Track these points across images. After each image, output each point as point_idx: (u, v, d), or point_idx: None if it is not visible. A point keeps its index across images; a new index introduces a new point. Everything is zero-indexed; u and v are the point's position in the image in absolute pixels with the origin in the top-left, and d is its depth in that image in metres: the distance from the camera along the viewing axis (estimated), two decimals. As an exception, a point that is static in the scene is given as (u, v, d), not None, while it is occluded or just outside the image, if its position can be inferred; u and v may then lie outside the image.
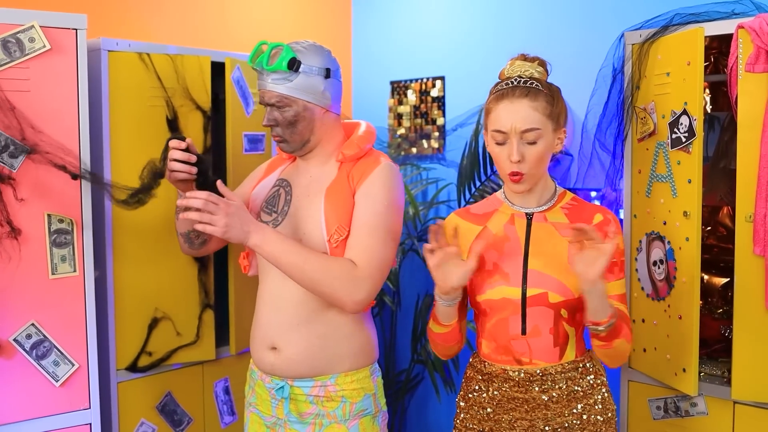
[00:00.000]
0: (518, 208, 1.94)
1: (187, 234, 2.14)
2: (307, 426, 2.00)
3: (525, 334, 1.86)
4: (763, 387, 2.12)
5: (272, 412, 2.04)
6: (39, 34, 2.03)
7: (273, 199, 2.07)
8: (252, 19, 3.41)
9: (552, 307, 1.84)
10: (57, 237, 2.10)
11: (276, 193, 2.08)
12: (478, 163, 3.04)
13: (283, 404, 2.01)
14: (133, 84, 2.40)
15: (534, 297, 1.85)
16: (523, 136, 1.80)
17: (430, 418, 3.64)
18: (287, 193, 2.05)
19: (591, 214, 1.91)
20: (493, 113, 1.85)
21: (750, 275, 2.10)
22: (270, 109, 1.98)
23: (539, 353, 1.87)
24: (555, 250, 1.87)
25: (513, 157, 1.80)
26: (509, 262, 1.88)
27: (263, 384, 2.05)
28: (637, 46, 2.37)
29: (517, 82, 1.86)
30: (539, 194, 1.92)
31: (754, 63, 2.07)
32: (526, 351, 1.88)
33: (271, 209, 2.05)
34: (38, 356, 2.09)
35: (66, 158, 2.06)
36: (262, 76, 1.98)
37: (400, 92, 3.66)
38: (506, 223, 1.93)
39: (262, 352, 2.02)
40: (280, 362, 1.99)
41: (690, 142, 2.16)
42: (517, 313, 1.86)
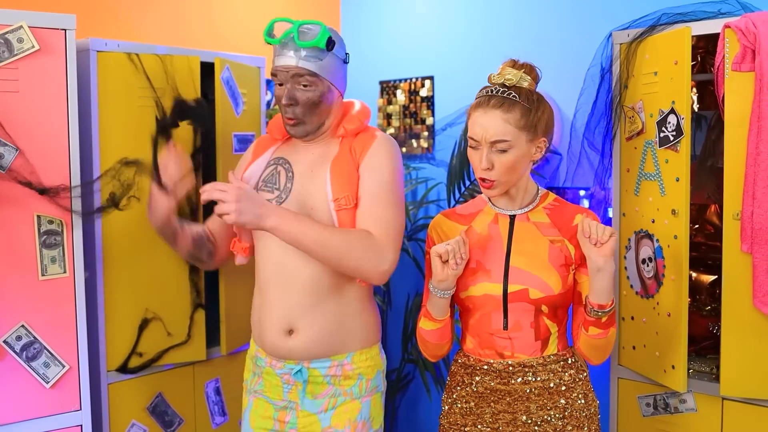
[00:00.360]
0: (501, 210, 2.00)
1: (190, 255, 2.20)
2: (320, 405, 2.04)
3: (507, 329, 1.93)
4: (751, 383, 2.14)
5: (283, 396, 2.06)
6: (28, 35, 2.03)
7: (271, 177, 2.06)
8: (241, 19, 3.41)
9: (532, 303, 1.90)
10: (47, 238, 2.09)
11: (274, 171, 2.06)
12: (467, 163, 3.05)
13: (297, 389, 2.02)
14: (123, 84, 2.39)
15: (515, 293, 1.90)
16: (493, 145, 1.85)
17: (421, 417, 3.65)
18: (287, 170, 2.04)
19: (573, 214, 1.97)
20: (470, 120, 1.90)
21: (738, 272, 2.12)
22: (291, 87, 1.95)
23: (521, 347, 1.93)
24: (536, 249, 1.93)
25: (482, 164, 1.87)
26: (491, 260, 1.94)
27: (273, 371, 2.04)
28: (625, 45, 2.38)
29: (495, 92, 1.89)
30: (520, 198, 1.98)
31: (740, 62, 2.09)
32: (508, 345, 1.94)
33: (272, 187, 2.04)
34: (28, 358, 2.08)
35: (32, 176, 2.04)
36: (283, 52, 1.96)
37: (390, 92, 3.66)
38: (490, 222, 1.99)
39: (276, 336, 2.00)
40: (298, 345, 1.99)
41: (678, 140, 2.18)
42: (498, 309, 1.92)
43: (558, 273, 1.90)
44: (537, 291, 1.89)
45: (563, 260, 1.92)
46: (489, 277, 1.92)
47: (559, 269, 1.91)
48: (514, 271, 1.91)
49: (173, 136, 2.44)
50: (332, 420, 2.04)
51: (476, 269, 1.94)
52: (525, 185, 1.98)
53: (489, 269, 1.93)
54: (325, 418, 2.04)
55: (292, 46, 1.96)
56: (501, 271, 1.92)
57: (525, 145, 1.88)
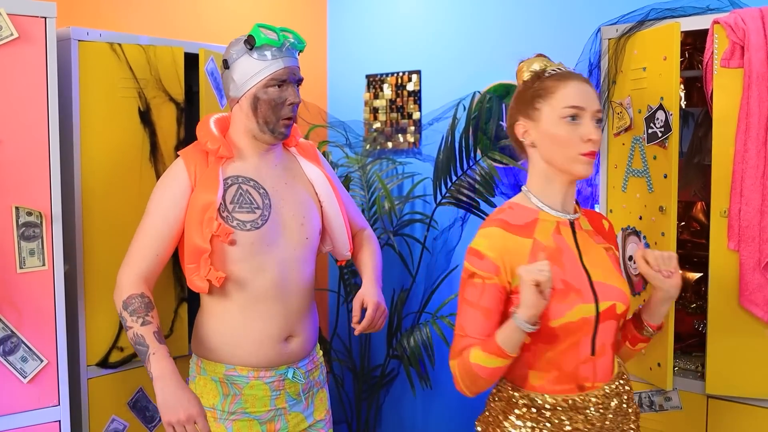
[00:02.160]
0: (559, 214, 1.74)
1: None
2: (302, 403, 2.10)
3: (594, 354, 1.68)
4: (736, 381, 2.13)
5: (270, 405, 2.04)
6: (6, 22, 1.98)
7: (241, 198, 2.00)
8: (226, 9, 3.37)
9: (617, 319, 1.72)
10: (25, 230, 2.05)
11: (240, 190, 2.01)
12: (454, 158, 3.03)
13: (284, 393, 2.06)
14: (104, 74, 2.35)
15: (605, 311, 1.68)
16: (595, 115, 1.69)
17: (406, 413, 3.63)
18: (256, 187, 2.02)
19: (599, 219, 1.86)
20: (562, 91, 1.68)
21: (724, 270, 2.11)
22: (295, 87, 2.04)
23: (602, 374, 1.71)
24: (600, 258, 1.75)
25: (593, 135, 1.66)
26: (576, 278, 1.69)
27: (260, 382, 2.03)
28: (613, 41, 2.37)
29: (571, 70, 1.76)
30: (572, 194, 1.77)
31: (729, 58, 2.08)
32: (590, 374, 1.69)
33: (250, 207, 2.00)
34: (5, 352, 2.04)
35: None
36: (288, 53, 2.01)
37: (376, 86, 3.63)
38: (553, 232, 1.72)
39: (273, 346, 2.03)
40: (296, 348, 2.08)
41: (666, 136, 2.17)
42: (589, 333, 1.68)
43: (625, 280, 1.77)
44: (621, 304, 1.71)
45: (618, 267, 1.79)
46: (582, 298, 1.66)
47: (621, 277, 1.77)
48: (599, 286, 1.69)
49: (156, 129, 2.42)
50: (314, 413, 2.15)
51: (566, 291, 1.65)
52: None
53: (579, 288, 1.67)
54: (309, 414, 2.13)
55: (293, 49, 2.04)
56: (588, 289, 1.68)
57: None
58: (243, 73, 1.98)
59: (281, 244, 2.03)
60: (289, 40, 2.01)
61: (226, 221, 1.96)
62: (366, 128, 3.67)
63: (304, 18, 3.74)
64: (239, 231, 1.96)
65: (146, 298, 1.93)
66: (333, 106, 3.82)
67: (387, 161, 3.52)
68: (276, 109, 1.98)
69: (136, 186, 2.42)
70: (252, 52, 1.97)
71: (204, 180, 1.97)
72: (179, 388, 1.82)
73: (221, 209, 1.97)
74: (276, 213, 2.03)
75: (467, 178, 3.05)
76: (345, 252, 2.22)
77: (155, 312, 1.93)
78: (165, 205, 1.98)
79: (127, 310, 1.91)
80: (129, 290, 1.93)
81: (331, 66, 3.83)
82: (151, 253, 1.97)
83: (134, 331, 1.89)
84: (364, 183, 3.43)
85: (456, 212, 3.28)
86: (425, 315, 3.34)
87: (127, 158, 2.41)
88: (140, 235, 1.98)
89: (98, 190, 2.36)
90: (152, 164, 2.45)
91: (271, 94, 1.98)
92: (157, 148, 2.46)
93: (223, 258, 1.98)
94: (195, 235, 1.95)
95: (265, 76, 1.97)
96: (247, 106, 2.00)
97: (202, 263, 1.96)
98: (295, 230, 2.06)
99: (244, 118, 2.01)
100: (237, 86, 2.00)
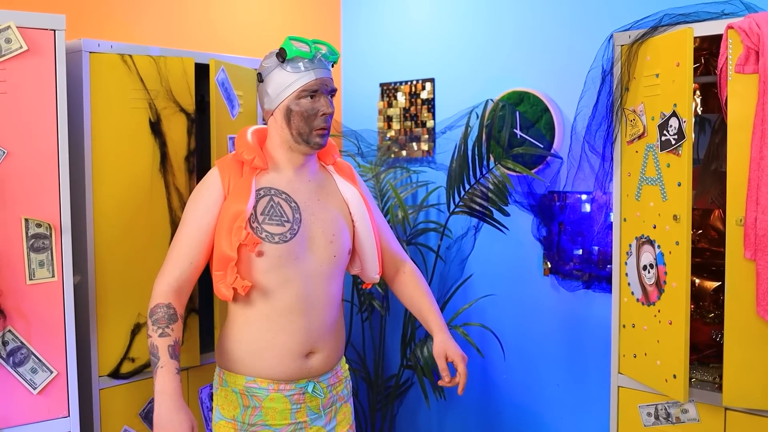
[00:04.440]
0: None
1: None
2: (323, 418, 2.10)
3: None
4: (754, 393, 2.08)
5: (291, 418, 2.04)
6: (16, 35, 2.00)
7: (272, 210, 2.01)
8: (238, 20, 3.37)
9: None
10: (34, 242, 2.06)
11: (272, 202, 2.02)
12: (467, 166, 3.01)
13: (305, 407, 2.06)
14: (115, 86, 2.36)
15: None
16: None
17: (420, 424, 3.60)
18: (288, 201, 2.03)
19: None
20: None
21: (741, 279, 2.07)
22: (329, 98, 2.05)
23: None
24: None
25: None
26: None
27: (281, 395, 2.03)
28: (626, 47, 2.34)
29: None
30: None
31: (743, 64, 2.04)
32: None
33: (280, 219, 2.01)
34: (15, 363, 2.04)
35: None
36: (322, 65, 2.03)
37: (390, 94, 3.62)
38: None
39: (294, 360, 2.03)
40: (317, 363, 2.07)
41: (680, 144, 2.13)
42: None
43: None
44: None
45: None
46: None
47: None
48: None
49: (166, 140, 2.43)
50: (336, 428, 2.14)
51: None
52: None
53: None
54: (331, 429, 2.12)
55: (325, 61, 2.05)
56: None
57: None
58: (276, 85, 2.01)
59: (308, 258, 2.03)
60: (321, 52, 2.03)
61: (255, 232, 1.98)
62: (380, 137, 3.66)
63: (317, 27, 3.74)
64: (267, 243, 1.98)
65: (171, 309, 1.94)
66: (347, 114, 3.81)
67: (401, 170, 3.51)
68: (309, 120, 2.00)
69: (147, 197, 2.42)
70: (284, 64, 1.99)
71: (237, 189, 2.00)
72: (176, 407, 1.86)
73: (251, 219, 1.99)
74: (305, 228, 2.03)
75: (480, 186, 3.02)
76: (374, 275, 2.20)
77: (178, 324, 1.94)
78: (199, 214, 2.01)
79: (151, 318, 1.93)
80: (157, 299, 1.96)
81: (345, 74, 3.82)
82: (185, 262, 1.99)
83: (152, 341, 1.91)
84: (378, 192, 3.42)
85: (469, 221, 3.26)
86: (439, 325, 3.31)
87: (138, 169, 2.41)
88: (175, 244, 2.01)
89: (109, 201, 2.37)
90: (162, 175, 2.46)
91: (303, 105, 2.00)
92: (168, 159, 2.46)
93: (250, 268, 2.00)
94: (224, 243, 1.97)
95: (298, 87, 1.99)
96: (281, 117, 2.02)
97: (228, 271, 1.98)
98: (323, 247, 2.06)
99: (279, 129, 2.04)
100: (271, 99, 2.03)
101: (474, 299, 3.25)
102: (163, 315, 1.92)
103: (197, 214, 2.00)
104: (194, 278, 2.02)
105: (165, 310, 1.93)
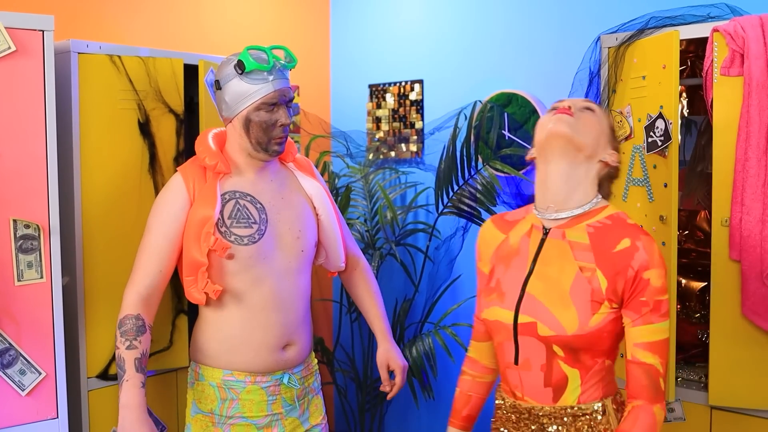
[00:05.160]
0: (542, 215, 1.69)
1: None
2: (297, 409, 2.13)
3: (517, 364, 1.66)
4: (740, 392, 2.11)
5: (267, 410, 2.06)
6: (4, 36, 1.99)
7: (238, 213, 2.02)
8: (227, 21, 3.37)
9: (542, 341, 1.61)
10: (23, 243, 2.05)
11: (238, 205, 2.03)
12: (456, 167, 3.02)
13: (281, 398, 2.08)
14: (104, 86, 2.36)
15: (524, 325, 1.63)
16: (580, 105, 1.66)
17: (409, 424, 3.61)
18: (253, 202, 2.04)
19: (618, 238, 1.59)
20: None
21: (726, 280, 2.09)
22: (286, 108, 2.04)
23: (530, 390, 1.66)
24: (560, 275, 1.62)
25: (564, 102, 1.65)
26: (510, 281, 1.68)
27: (257, 387, 2.05)
28: (613, 49, 2.36)
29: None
30: (570, 191, 1.64)
31: (729, 66, 2.06)
32: (518, 384, 1.68)
33: (248, 222, 2.02)
34: (3, 365, 2.04)
35: None
36: (281, 74, 2.02)
37: (379, 95, 3.63)
38: (524, 234, 1.72)
39: (270, 354, 2.06)
40: (293, 354, 2.10)
41: (666, 145, 2.15)
42: (510, 339, 1.67)
43: (577, 310, 1.57)
44: (546, 328, 1.59)
45: (589, 295, 1.58)
46: (502, 302, 1.67)
47: (580, 305, 1.57)
48: (528, 299, 1.63)
49: (155, 141, 2.43)
50: (310, 419, 2.18)
51: (493, 290, 1.71)
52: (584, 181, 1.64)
53: (504, 292, 1.68)
54: (305, 420, 2.16)
55: (284, 70, 2.04)
56: (515, 297, 1.65)
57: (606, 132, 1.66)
58: (235, 94, 2.01)
59: (277, 257, 2.05)
60: (280, 62, 2.03)
61: (224, 236, 1.99)
62: (369, 138, 3.67)
63: (306, 28, 3.74)
64: (237, 246, 1.99)
65: (140, 321, 1.95)
66: (336, 115, 3.82)
67: (390, 171, 3.52)
68: (267, 130, 2.02)
69: (136, 198, 2.42)
70: (242, 75, 1.99)
71: (202, 195, 2.00)
72: (139, 421, 1.88)
73: (219, 224, 1.99)
74: (272, 227, 2.05)
75: (469, 187, 3.04)
76: (339, 264, 2.25)
77: (146, 336, 1.95)
78: (165, 221, 2.01)
79: (120, 330, 1.95)
80: (126, 310, 1.97)
81: (334, 76, 3.83)
82: (153, 270, 2.00)
83: (119, 353, 1.93)
84: (367, 193, 3.43)
85: (458, 221, 3.27)
86: (428, 325, 3.32)
87: (127, 170, 2.41)
88: (142, 252, 2.01)
89: (98, 202, 2.36)
90: (151, 176, 2.45)
91: (262, 116, 2.01)
92: (157, 160, 2.46)
93: (221, 271, 2.01)
94: (193, 249, 1.98)
95: (256, 99, 2.00)
96: (240, 126, 2.03)
97: (199, 276, 1.98)
98: (291, 243, 2.09)
99: (237, 137, 2.05)
100: (229, 107, 2.03)
101: (463, 300, 3.26)
102: (131, 327, 1.94)
103: (163, 221, 2.01)
104: (163, 286, 2.03)
105: (134, 321, 1.94)
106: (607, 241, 1.60)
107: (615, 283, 1.57)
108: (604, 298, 1.57)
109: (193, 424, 2.10)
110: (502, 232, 1.77)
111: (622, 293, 1.58)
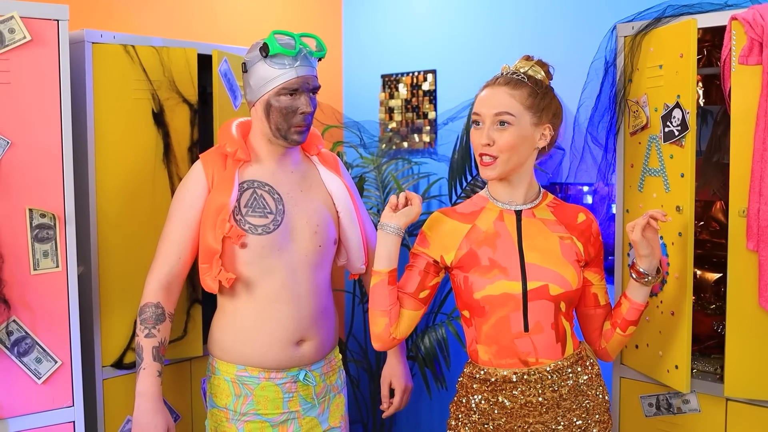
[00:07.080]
0: (505, 206, 1.94)
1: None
2: (317, 408, 2.10)
3: (528, 330, 1.85)
4: (756, 384, 2.09)
5: (283, 407, 2.05)
6: (19, 25, 1.99)
7: (255, 202, 2.03)
8: (240, 11, 3.37)
9: (553, 300, 1.85)
10: (39, 232, 2.06)
11: (255, 195, 2.03)
12: (469, 158, 3.01)
13: (298, 396, 2.05)
14: (118, 77, 2.36)
15: (535, 290, 1.85)
16: (497, 118, 1.83)
17: (421, 414, 3.61)
18: (271, 192, 2.03)
19: (575, 213, 1.99)
20: (476, 100, 1.91)
21: (743, 271, 2.07)
22: (309, 96, 2.04)
23: (544, 351, 1.87)
24: (547, 245, 1.90)
25: (482, 140, 1.83)
26: (505, 257, 1.88)
27: (272, 383, 2.04)
28: (629, 38, 2.33)
29: (505, 74, 1.90)
30: (524, 190, 1.94)
31: (747, 55, 2.04)
32: (531, 350, 1.87)
33: (263, 211, 2.02)
34: (20, 353, 2.05)
35: None
36: (306, 62, 2.02)
37: (391, 86, 3.62)
38: (495, 219, 1.93)
39: (284, 349, 2.03)
40: (308, 351, 2.07)
41: (683, 135, 2.13)
42: (518, 309, 1.85)
43: (573, 268, 1.89)
44: (557, 287, 1.85)
45: (575, 256, 1.92)
46: (506, 275, 1.85)
47: (573, 264, 1.90)
48: (532, 268, 1.86)
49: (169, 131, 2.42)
50: (329, 419, 2.14)
51: (491, 267, 1.87)
52: (529, 179, 1.95)
53: (505, 266, 1.86)
54: (324, 420, 2.13)
55: (310, 58, 2.04)
56: (518, 268, 1.86)
57: (529, 126, 1.86)
58: (258, 78, 2.01)
59: (292, 249, 2.04)
60: (308, 49, 2.01)
61: (238, 224, 1.98)
62: (381, 128, 3.66)
63: (318, 18, 3.73)
64: (251, 234, 1.98)
65: (160, 309, 1.96)
66: (348, 106, 3.81)
67: (402, 161, 3.51)
68: (287, 117, 2.01)
69: (150, 187, 2.42)
70: (267, 59, 1.98)
71: (220, 182, 2.01)
72: (154, 410, 1.92)
73: (235, 212, 1.99)
74: (289, 218, 2.04)
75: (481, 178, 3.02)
76: (359, 265, 2.22)
77: (165, 324, 1.97)
78: (184, 209, 2.02)
79: (140, 317, 1.97)
80: (146, 298, 1.99)
81: (347, 66, 3.82)
82: (173, 258, 2.02)
83: (138, 340, 1.96)
84: (380, 183, 3.42)
85: (471, 212, 3.26)
86: (440, 316, 3.32)
87: (141, 160, 2.41)
88: (162, 240, 2.03)
89: (112, 191, 2.37)
90: (165, 166, 2.46)
91: (282, 102, 2.00)
92: (171, 150, 2.47)
93: (233, 259, 2.01)
94: (208, 236, 1.99)
95: (278, 84, 1.99)
96: (261, 110, 2.03)
97: (213, 264, 1.99)
98: (308, 237, 2.07)
99: (258, 122, 2.05)
100: (252, 91, 2.04)
101: (475, 290, 3.25)
102: (150, 315, 1.95)
103: (182, 209, 2.02)
104: (184, 273, 2.04)
105: (153, 309, 1.95)
106: (568, 216, 1.96)
107: (587, 247, 1.95)
108: (583, 259, 1.94)
109: (210, 418, 2.10)
110: (465, 222, 1.93)
111: (588, 255, 1.95)
